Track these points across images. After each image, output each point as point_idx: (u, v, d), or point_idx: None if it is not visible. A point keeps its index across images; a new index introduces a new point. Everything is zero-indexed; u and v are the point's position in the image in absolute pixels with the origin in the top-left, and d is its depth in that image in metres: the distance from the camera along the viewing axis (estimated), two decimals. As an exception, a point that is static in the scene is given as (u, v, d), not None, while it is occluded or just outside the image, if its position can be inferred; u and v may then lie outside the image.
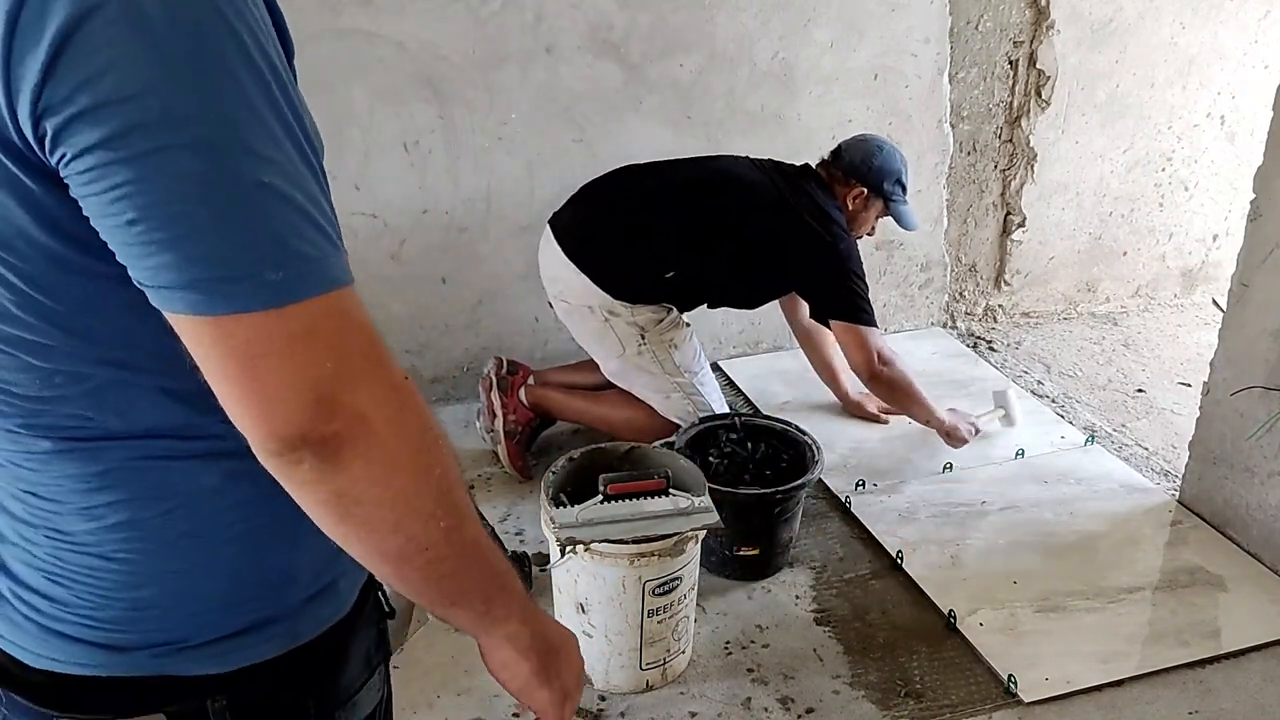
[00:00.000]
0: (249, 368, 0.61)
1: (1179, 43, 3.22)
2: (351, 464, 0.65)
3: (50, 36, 0.55)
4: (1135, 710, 1.92)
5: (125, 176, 0.57)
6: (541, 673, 0.87)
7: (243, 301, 0.60)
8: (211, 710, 0.77)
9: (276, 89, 0.61)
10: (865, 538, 2.38)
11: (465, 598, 0.79)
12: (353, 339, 0.65)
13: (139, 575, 0.75)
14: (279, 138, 0.61)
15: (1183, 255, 3.58)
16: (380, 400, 0.65)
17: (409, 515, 0.69)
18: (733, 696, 1.95)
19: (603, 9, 2.63)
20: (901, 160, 2.54)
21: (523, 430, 2.57)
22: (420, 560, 0.72)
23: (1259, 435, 2.24)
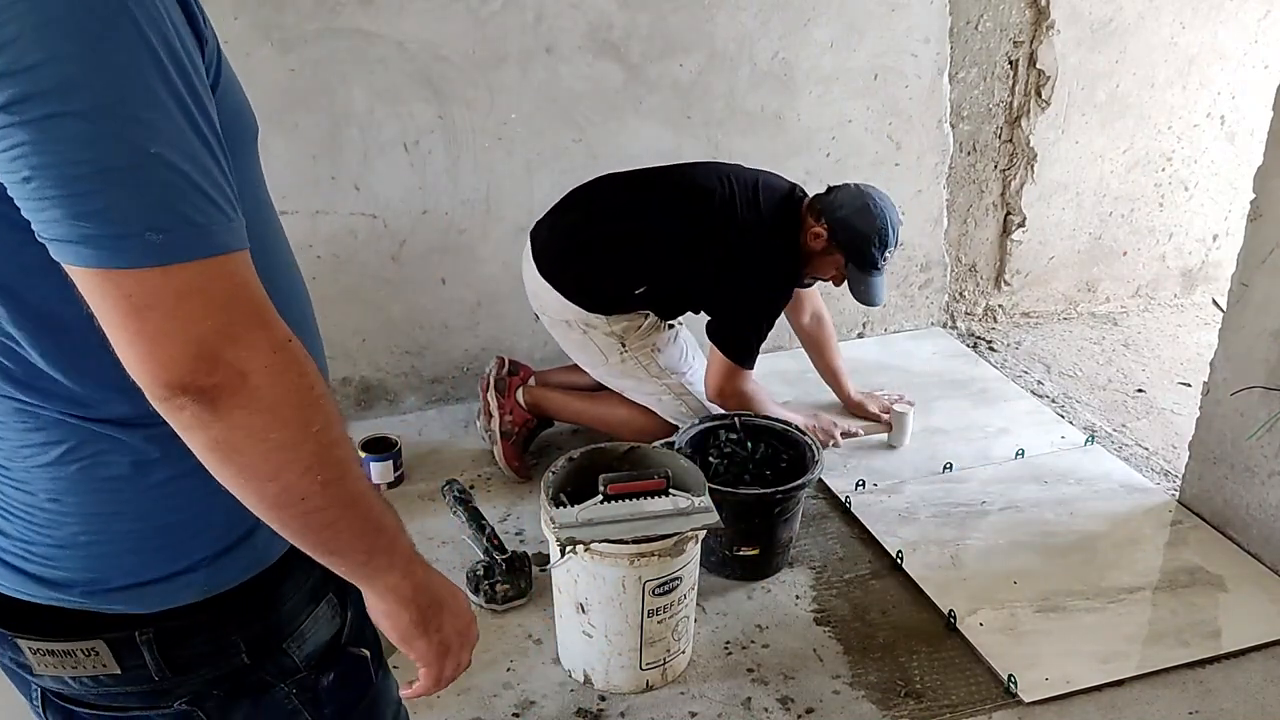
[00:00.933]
0: (136, 319, 0.68)
1: (1179, 43, 3.22)
2: (230, 414, 0.71)
3: None
4: (1135, 710, 1.92)
5: (22, 138, 0.63)
6: (421, 624, 0.91)
7: (129, 258, 0.66)
8: (139, 641, 0.86)
9: (172, 68, 0.67)
10: (865, 538, 2.38)
11: (344, 548, 0.84)
12: (237, 300, 0.71)
13: (63, 515, 0.83)
14: (171, 111, 0.67)
15: (1183, 255, 3.58)
16: (261, 358, 0.71)
17: (286, 466, 0.75)
18: (733, 696, 1.95)
19: (603, 9, 2.63)
20: (880, 231, 2.32)
21: (519, 431, 2.57)
22: (298, 509, 0.78)
23: (1259, 435, 2.24)
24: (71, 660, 0.86)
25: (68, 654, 0.86)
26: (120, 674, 0.87)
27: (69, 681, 0.88)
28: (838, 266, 2.41)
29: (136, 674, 0.87)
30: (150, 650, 0.86)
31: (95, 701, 0.91)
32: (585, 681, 1.97)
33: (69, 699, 0.91)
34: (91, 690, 0.89)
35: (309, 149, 2.52)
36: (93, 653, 0.86)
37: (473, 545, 2.25)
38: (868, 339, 3.30)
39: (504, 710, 1.91)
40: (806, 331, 2.73)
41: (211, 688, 0.90)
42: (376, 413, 2.83)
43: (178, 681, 0.88)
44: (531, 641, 2.07)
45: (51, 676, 0.88)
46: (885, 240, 2.34)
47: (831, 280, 2.48)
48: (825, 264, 2.42)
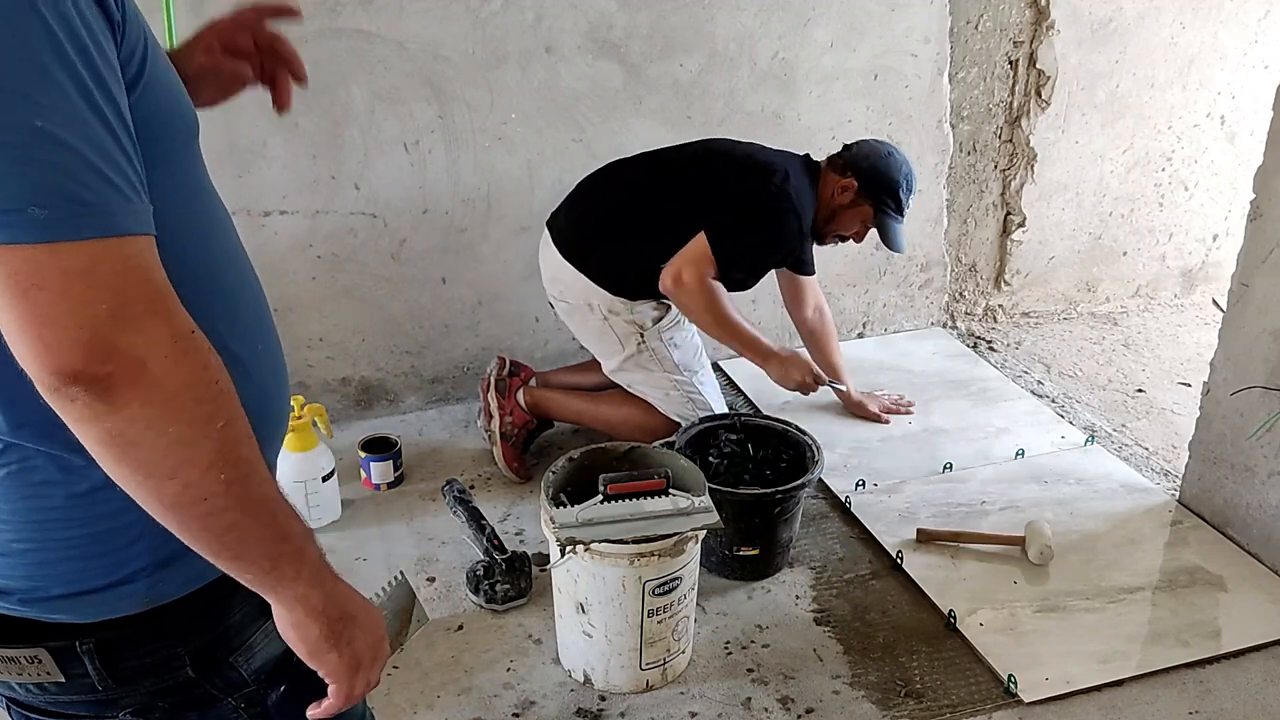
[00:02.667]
0: (22, 300, 0.65)
1: (1179, 43, 3.22)
2: (127, 405, 0.68)
3: None
4: (1135, 710, 1.92)
5: None
6: (331, 637, 0.86)
7: (9, 232, 0.64)
8: (80, 650, 0.85)
9: (73, 51, 0.66)
10: (865, 538, 2.38)
11: (248, 554, 0.79)
12: (133, 285, 0.68)
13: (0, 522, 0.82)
14: (66, 91, 0.66)
15: (1183, 255, 3.58)
16: (159, 346, 0.68)
17: (186, 463, 0.71)
18: (733, 696, 1.95)
19: (603, 9, 2.63)
20: (905, 177, 2.43)
21: (519, 433, 2.57)
22: (199, 510, 0.74)
23: (1259, 435, 2.24)
24: (16, 667, 0.85)
25: (12, 660, 0.85)
26: (64, 682, 0.86)
27: (15, 688, 0.88)
28: (864, 218, 2.46)
29: (79, 683, 0.86)
30: (91, 660, 0.85)
31: (45, 708, 0.90)
32: (585, 681, 1.97)
33: (24, 705, 0.91)
34: (39, 697, 0.88)
35: (309, 149, 2.52)
36: (36, 660, 0.84)
37: (473, 545, 2.25)
38: (868, 339, 3.30)
39: (504, 710, 1.91)
40: (808, 325, 2.73)
41: (156, 699, 0.89)
42: (376, 413, 2.83)
43: (121, 692, 0.87)
44: (531, 641, 2.07)
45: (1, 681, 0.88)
46: (910, 183, 2.46)
47: (854, 236, 2.52)
48: (850, 217, 2.46)
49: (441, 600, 2.17)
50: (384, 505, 2.48)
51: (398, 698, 1.92)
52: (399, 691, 1.93)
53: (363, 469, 2.52)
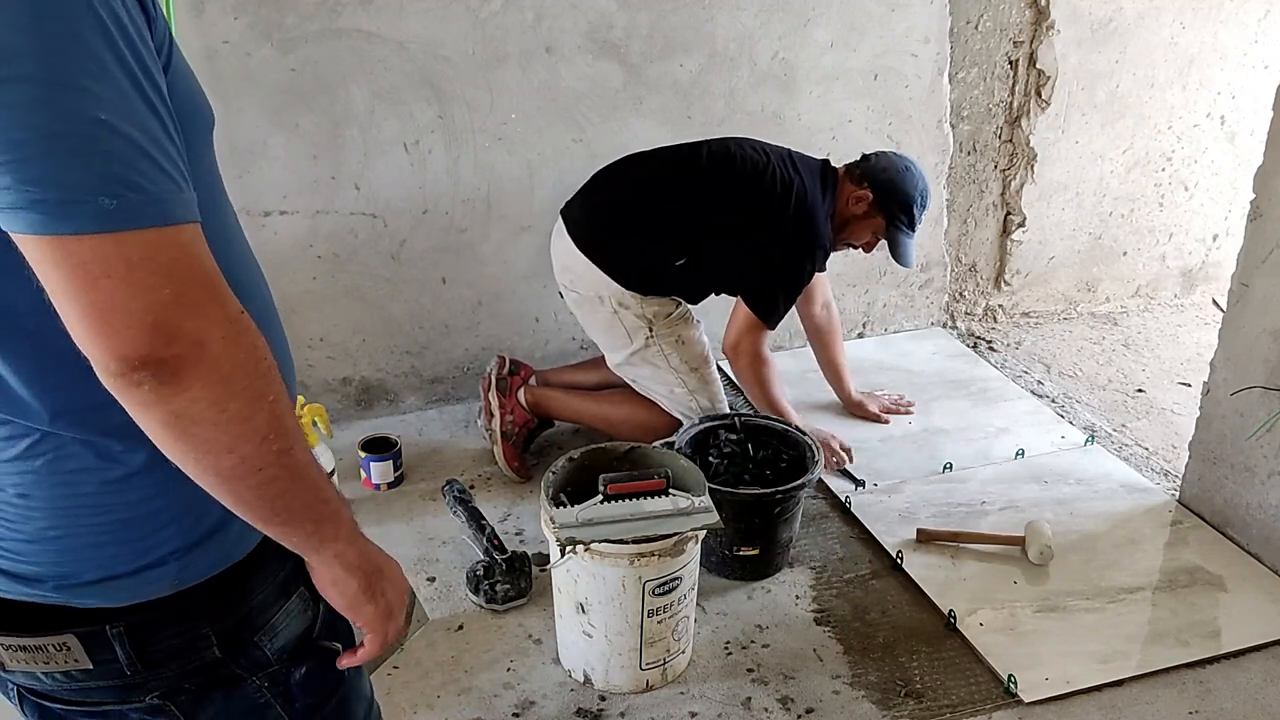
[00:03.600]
0: (90, 288, 0.67)
1: (1179, 43, 3.22)
2: (190, 386, 0.70)
3: None
4: (1135, 710, 1.92)
5: None
6: (368, 590, 0.93)
7: (78, 223, 0.65)
8: (110, 635, 0.86)
9: (121, 40, 0.68)
10: (865, 538, 2.38)
11: (295, 517, 0.84)
12: (191, 270, 0.70)
13: (31, 510, 0.83)
14: (121, 84, 0.67)
15: (1183, 255, 3.58)
16: (217, 328, 0.71)
17: (243, 437, 0.75)
18: (733, 696, 1.95)
19: (603, 9, 2.63)
20: (921, 193, 2.45)
21: (519, 432, 2.57)
22: (254, 480, 0.77)
23: (1259, 435, 2.24)
24: (42, 655, 0.86)
25: (38, 649, 0.86)
26: (91, 668, 0.87)
27: (40, 677, 0.88)
28: (875, 230, 2.48)
29: (108, 668, 0.87)
30: (121, 644, 0.86)
31: (68, 697, 0.91)
32: (585, 681, 1.97)
33: (42, 695, 0.92)
34: (64, 685, 0.89)
35: (309, 149, 2.52)
36: (64, 647, 0.86)
37: (473, 545, 2.26)
38: (868, 339, 3.30)
39: (504, 710, 1.91)
40: (815, 321, 2.72)
41: (183, 681, 0.91)
42: (376, 413, 2.83)
43: (149, 675, 0.89)
44: (531, 641, 2.07)
45: (23, 672, 0.88)
46: (926, 200, 2.48)
47: (863, 246, 2.54)
48: (863, 228, 2.48)
49: (441, 600, 2.17)
50: (384, 505, 2.48)
51: (398, 698, 1.92)
52: (399, 691, 1.93)
53: (363, 469, 2.52)
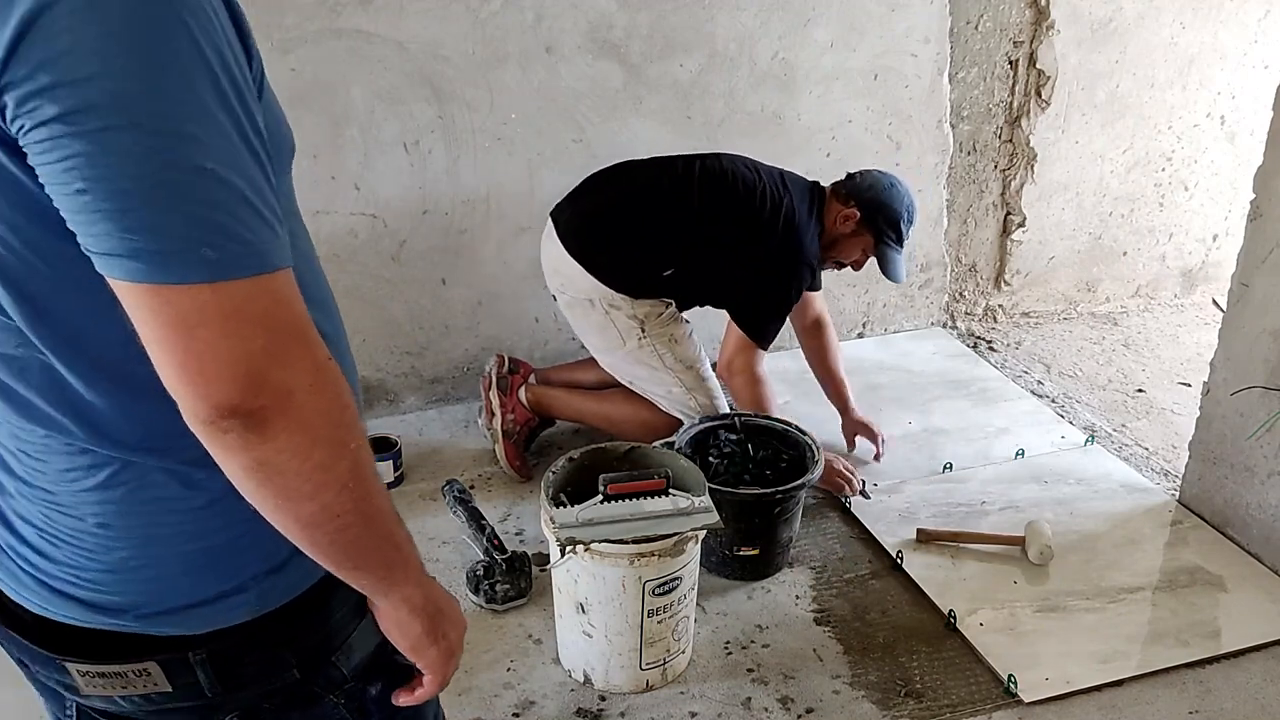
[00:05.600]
0: (185, 338, 0.66)
1: (1179, 43, 3.22)
2: (276, 436, 0.70)
3: (16, 19, 0.61)
4: (1135, 710, 1.92)
5: (75, 150, 0.62)
6: (431, 632, 0.93)
7: (180, 273, 0.65)
8: (193, 661, 0.85)
9: (226, 83, 0.67)
10: (865, 538, 2.38)
11: (368, 563, 0.84)
12: (283, 319, 0.70)
13: (113, 539, 0.82)
14: (224, 128, 0.66)
15: (1183, 255, 3.58)
16: (305, 377, 0.71)
17: (325, 485, 0.74)
18: (733, 696, 1.95)
19: (603, 9, 2.63)
20: (907, 208, 2.44)
21: (520, 430, 2.57)
22: (331, 527, 0.77)
23: (1259, 435, 2.24)
24: (121, 681, 0.85)
25: (118, 675, 0.85)
26: (172, 691, 0.86)
27: (118, 700, 0.87)
28: (864, 248, 2.48)
29: (189, 690, 0.87)
30: (204, 669, 0.86)
31: (143, 718, 0.90)
32: (585, 681, 1.97)
33: (116, 716, 0.91)
34: (141, 707, 0.88)
35: (309, 149, 2.52)
36: (144, 673, 0.85)
37: (473, 545, 2.26)
38: (868, 339, 3.30)
39: (504, 710, 1.91)
40: (807, 338, 2.70)
41: (262, 701, 0.91)
42: (376, 413, 2.83)
43: (230, 697, 0.88)
44: (531, 641, 2.07)
45: (100, 697, 0.87)
46: (912, 216, 2.47)
47: (853, 264, 2.54)
48: (852, 245, 2.48)
49: (441, 600, 2.16)
50: (384, 505, 2.47)
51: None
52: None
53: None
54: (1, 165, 0.66)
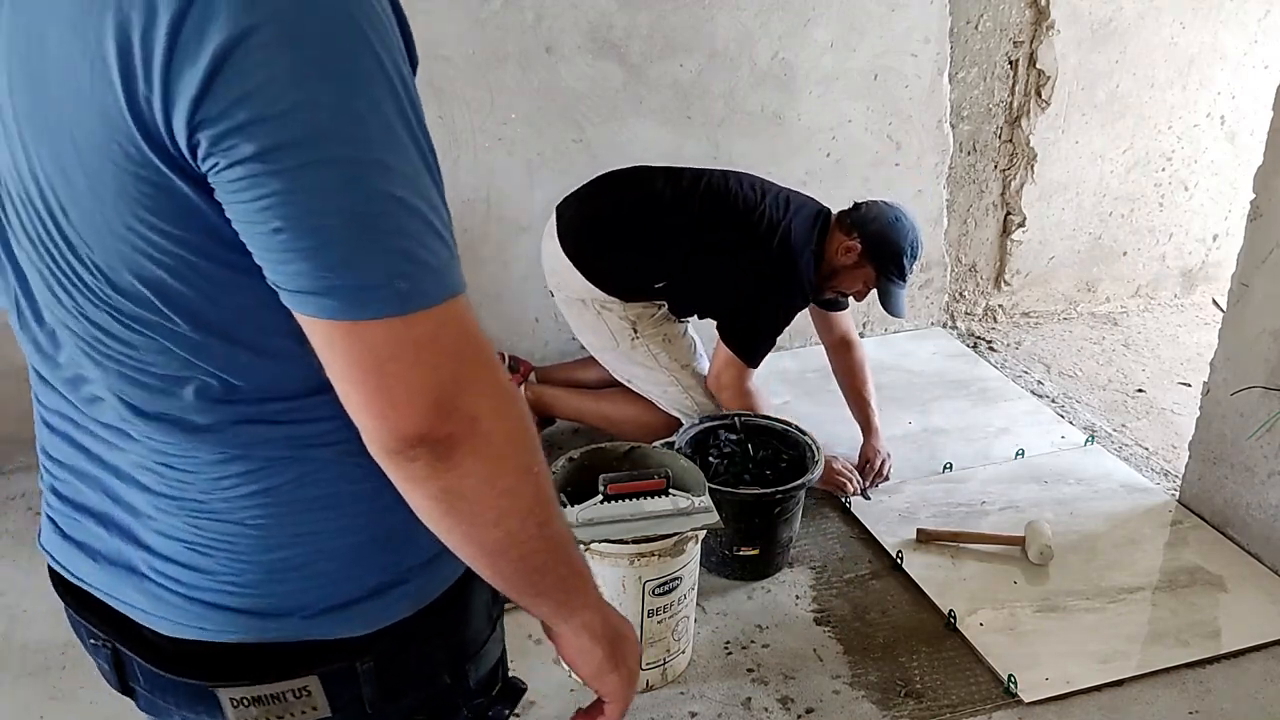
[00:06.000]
0: (375, 371, 0.65)
1: (1179, 43, 3.22)
2: (462, 462, 0.68)
3: (209, 54, 0.58)
4: (1135, 710, 1.92)
5: (274, 188, 0.60)
6: (612, 658, 0.89)
7: (375, 308, 0.63)
8: (359, 671, 0.81)
9: (407, 103, 0.65)
10: (865, 538, 2.38)
11: (550, 588, 0.82)
12: (469, 344, 0.68)
13: (273, 539, 0.78)
14: (409, 152, 0.64)
15: (1183, 255, 3.58)
16: (490, 402, 0.69)
17: (510, 511, 0.73)
18: (733, 696, 1.95)
19: (603, 9, 2.63)
20: (911, 244, 2.38)
21: (521, 430, 2.56)
22: (515, 553, 0.76)
23: (1259, 435, 2.24)
24: (279, 707, 0.80)
25: (275, 699, 0.80)
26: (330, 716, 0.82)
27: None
28: (866, 280, 2.42)
29: (348, 710, 0.82)
30: (369, 680, 0.82)
31: None
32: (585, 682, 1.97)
33: None
34: None
35: (309, 149, 2.51)
36: (304, 693, 0.81)
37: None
38: (868, 339, 3.30)
39: (504, 710, 1.91)
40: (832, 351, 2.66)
41: (414, 714, 0.87)
42: (376, 413, 2.83)
43: (387, 711, 0.84)
44: (532, 641, 2.07)
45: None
46: (915, 250, 2.40)
47: (855, 295, 2.48)
48: (853, 278, 2.42)
49: (441, 600, 2.16)
50: (384, 505, 2.48)
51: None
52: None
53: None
54: (182, 194, 0.64)
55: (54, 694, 1.95)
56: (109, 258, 0.66)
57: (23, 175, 0.66)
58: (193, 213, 0.64)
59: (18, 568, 2.28)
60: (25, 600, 2.18)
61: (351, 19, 0.61)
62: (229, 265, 0.66)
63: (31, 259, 0.71)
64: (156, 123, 0.60)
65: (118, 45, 0.59)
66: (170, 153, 0.62)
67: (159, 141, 0.61)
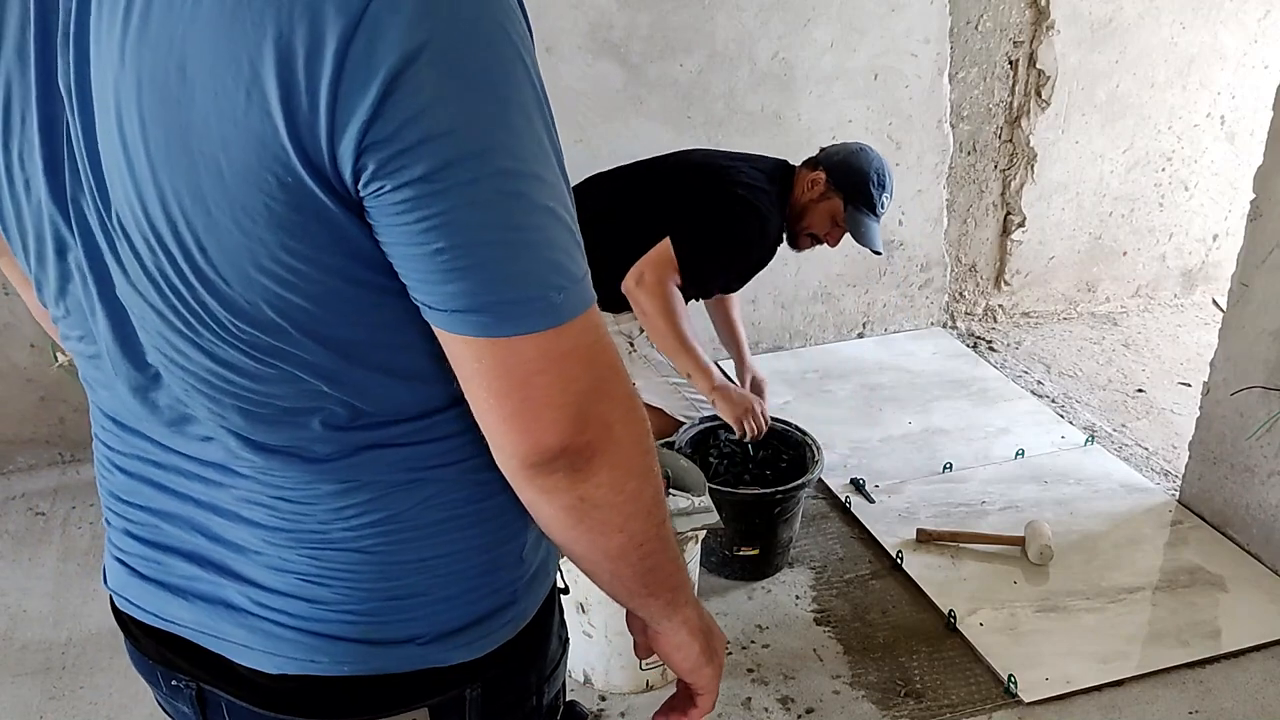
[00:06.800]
0: (523, 385, 0.64)
1: (1179, 43, 3.22)
2: (598, 471, 0.69)
3: (381, 77, 0.57)
4: (1135, 710, 1.92)
5: (440, 208, 0.59)
6: (706, 651, 0.90)
7: (531, 322, 0.63)
8: (469, 699, 0.80)
9: (548, 112, 0.64)
10: (865, 538, 2.38)
11: (661, 587, 0.81)
12: (604, 353, 0.68)
13: (396, 566, 0.77)
14: (553, 162, 0.64)
15: (1183, 255, 3.58)
16: (620, 408, 0.69)
17: (635, 515, 0.73)
18: (733, 696, 1.95)
19: (603, 9, 2.63)
20: (876, 171, 2.32)
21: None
22: (635, 555, 0.76)
23: (1259, 435, 2.24)
24: None
25: None
26: None
27: None
28: (834, 214, 2.34)
29: None
30: (476, 707, 0.81)
31: None
32: (585, 682, 1.97)
33: None
34: None
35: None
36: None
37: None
38: (868, 339, 3.30)
39: (504, 710, 1.91)
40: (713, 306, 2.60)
41: None
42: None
43: None
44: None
45: None
46: (882, 179, 2.33)
47: (827, 238, 2.40)
48: (821, 212, 2.35)
49: (441, 600, 2.16)
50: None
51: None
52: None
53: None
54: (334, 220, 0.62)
55: (54, 694, 1.95)
56: (248, 291, 0.64)
57: (151, 215, 0.63)
58: (342, 239, 0.63)
59: (18, 568, 2.29)
60: (25, 600, 2.19)
61: (503, 29, 0.60)
62: (372, 287, 0.65)
63: (149, 300, 0.67)
64: (320, 149, 0.59)
65: (278, 72, 0.57)
66: (329, 179, 0.60)
67: (319, 168, 0.59)
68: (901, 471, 2.61)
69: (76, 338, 0.75)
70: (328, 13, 0.56)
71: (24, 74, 0.64)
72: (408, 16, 0.56)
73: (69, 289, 0.71)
